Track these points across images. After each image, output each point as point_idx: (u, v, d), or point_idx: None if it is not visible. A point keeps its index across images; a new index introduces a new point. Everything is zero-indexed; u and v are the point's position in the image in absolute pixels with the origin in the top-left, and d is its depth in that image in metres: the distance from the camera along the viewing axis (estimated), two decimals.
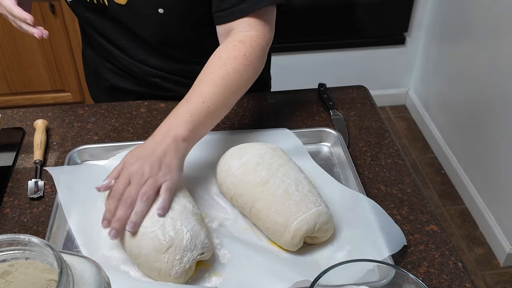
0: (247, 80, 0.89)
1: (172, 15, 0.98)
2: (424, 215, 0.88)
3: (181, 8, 0.97)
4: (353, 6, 2.38)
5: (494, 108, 1.97)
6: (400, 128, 2.61)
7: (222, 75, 0.86)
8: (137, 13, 0.98)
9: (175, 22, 1.00)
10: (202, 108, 0.84)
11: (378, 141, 1.04)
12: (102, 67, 1.16)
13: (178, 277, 0.73)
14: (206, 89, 0.85)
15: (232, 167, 0.85)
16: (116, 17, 1.01)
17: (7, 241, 0.51)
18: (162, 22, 0.99)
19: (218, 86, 0.86)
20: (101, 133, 1.06)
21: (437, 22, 2.39)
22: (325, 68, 2.51)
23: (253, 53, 0.89)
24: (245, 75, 0.88)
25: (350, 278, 0.64)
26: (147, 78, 1.12)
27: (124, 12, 0.99)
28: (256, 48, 0.90)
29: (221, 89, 0.86)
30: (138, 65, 1.10)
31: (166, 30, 1.02)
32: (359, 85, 1.21)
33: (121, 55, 1.09)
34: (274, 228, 0.79)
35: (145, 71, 1.10)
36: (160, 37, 1.04)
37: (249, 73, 0.89)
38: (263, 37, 0.91)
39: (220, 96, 0.86)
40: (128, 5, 0.97)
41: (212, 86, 0.85)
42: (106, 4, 0.98)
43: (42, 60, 2.25)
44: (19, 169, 0.98)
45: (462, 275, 0.79)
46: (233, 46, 0.89)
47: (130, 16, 0.99)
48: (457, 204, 2.20)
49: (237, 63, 0.87)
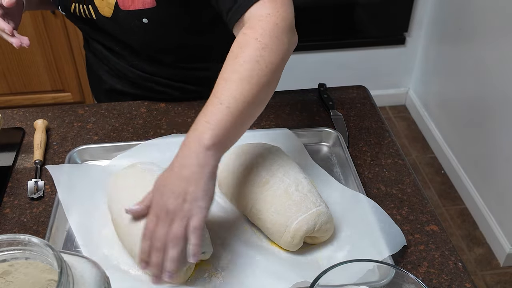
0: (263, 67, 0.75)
1: (157, 24, 0.98)
2: (424, 215, 0.88)
3: (165, 17, 0.98)
4: (353, 6, 2.38)
5: (494, 108, 1.97)
6: (400, 128, 2.60)
7: (236, 68, 0.75)
8: (122, 24, 0.99)
9: (160, 30, 1.00)
10: (220, 109, 0.72)
11: (378, 141, 1.04)
12: (100, 69, 1.17)
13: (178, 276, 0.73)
14: (223, 89, 0.74)
15: (232, 167, 0.85)
16: (105, 28, 1.02)
17: (7, 241, 0.51)
18: (148, 32, 0.99)
19: (233, 81, 0.74)
20: (101, 133, 1.06)
21: (437, 22, 2.39)
22: (325, 68, 2.51)
23: (266, 34, 0.76)
24: (261, 60, 0.75)
25: (350, 278, 0.64)
26: (143, 82, 1.13)
27: (112, 24, 1.00)
28: (269, 28, 0.77)
29: (238, 85, 0.73)
30: (133, 71, 1.11)
31: (153, 39, 1.02)
32: (359, 85, 1.21)
33: (117, 60, 1.11)
34: (274, 228, 0.79)
35: (140, 76, 1.12)
36: (148, 45, 1.05)
37: (265, 57, 0.75)
38: (275, 14, 0.78)
39: (237, 92, 0.73)
40: (113, 17, 0.98)
41: (230, 84, 0.74)
42: (94, 18, 1.00)
43: (42, 60, 2.25)
44: (19, 169, 0.98)
45: (462, 275, 0.79)
46: (242, 35, 0.78)
47: (117, 28, 1.00)
48: (457, 204, 2.20)
49: (250, 50, 0.75)
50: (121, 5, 0.96)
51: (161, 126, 1.07)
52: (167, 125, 1.07)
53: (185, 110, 1.11)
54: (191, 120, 1.01)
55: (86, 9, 0.99)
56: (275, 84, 0.79)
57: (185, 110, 1.11)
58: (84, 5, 0.99)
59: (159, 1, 0.95)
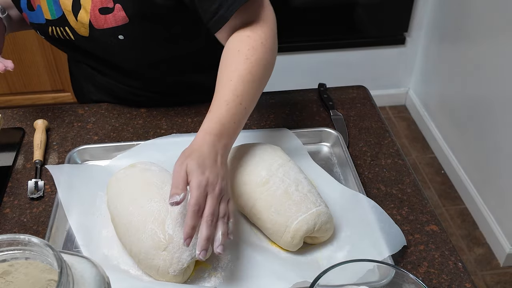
0: (270, 68, 0.86)
1: (133, 39, 0.96)
2: (424, 215, 0.88)
3: (140, 32, 0.95)
4: (353, 6, 2.38)
5: (494, 108, 1.97)
6: (400, 128, 2.61)
7: (249, 69, 0.81)
8: (100, 42, 0.97)
9: (138, 45, 0.98)
10: (240, 109, 0.80)
11: (378, 141, 1.04)
12: (86, 83, 1.16)
13: (177, 275, 0.73)
14: (240, 88, 0.80)
15: (232, 167, 0.85)
16: (86, 48, 1.00)
17: (7, 241, 0.51)
18: (126, 48, 0.97)
19: (249, 82, 0.81)
20: (101, 133, 1.06)
21: (437, 22, 2.39)
22: (325, 68, 2.51)
23: (268, 38, 0.85)
24: (267, 63, 0.84)
25: (350, 278, 0.64)
26: (131, 97, 1.12)
27: (91, 43, 0.98)
28: (269, 33, 0.86)
29: (251, 85, 0.81)
30: (121, 87, 1.10)
31: (133, 54, 1.00)
32: (359, 85, 1.21)
33: (103, 77, 1.10)
34: (274, 228, 0.79)
35: (129, 92, 1.11)
36: (131, 61, 1.03)
37: (270, 59, 0.85)
38: (268, 19, 0.87)
39: (251, 92, 0.82)
40: (90, 36, 0.96)
41: (244, 84, 0.80)
42: (72, 39, 0.98)
43: (42, 60, 2.25)
44: (19, 169, 0.98)
45: (462, 275, 0.79)
46: (247, 37, 0.84)
47: (96, 46, 0.99)
48: (457, 204, 2.20)
49: (258, 53, 0.83)
50: (95, 24, 0.93)
51: (161, 126, 1.07)
52: (167, 125, 1.07)
53: (185, 110, 1.11)
54: (191, 120, 1.01)
55: (63, 31, 0.98)
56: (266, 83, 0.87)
57: (185, 110, 1.11)
58: (61, 27, 0.97)
59: (131, 17, 0.92)
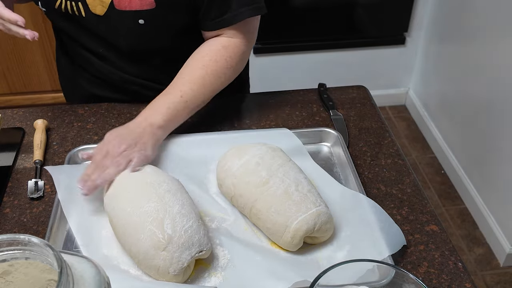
0: (224, 81, 0.99)
1: (152, 26, 0.97)
2: (424, 215, 0.88)
3: (162, 19, 0.97)
4: (353, 6, 2.38)
5: (494, 108, 1.97)
6: (400, 128, 2.61)
7: (202, 75, 0.96)
8: (114, 24, 0.97)
9: (153, 32, 1.00)
10: (180, 102, 0.93)
11: (378, 141, 1.04)
12: (78, 75, 1.14)
13: (177, 275, 0.73)
14: (186, 86, 0.94)
15: (232, 167, 0.85)
16: (92, 27, 1.00)
17: (7, 241, 0.51)
18: (140, 33, 0.98)
19: (197, 84, 0.95)
20: (101, 133, 1.05)
21: (437, 22, 2.39)
22: (325, 68, 2.51)
23: (235, 57, 0.99)
24: (223, 77, 0.98)
25: (350, 278, 0.64)
26: (127, 86, 1.11)
27: (101, 23, 0.97)
28: (238, 53, 1.00)
29: (199, 88, 0.95)
30: (117, 73, 1.09)
31: (143, 41, 1.01)
32: (359, 85, 1.21)
33: (100, 62, 1.08)
34: (274, 228, 0.79)
35: (125, 79, 1.10)
36: (137, 46, 1.03)
37: (228, 75, 0.99)
38: (246, 43, 1.01)
39: (197, 93, 0.95)
40: (105, 16, 0.95)
41: (191, 84, 0.95)
42: (83, 15, 0.97)
43: (42, 60, 2.25)
44: (19, 169, 0.98)
45: (462, 275, 0.79)
46: (216, 50, 0.98)
47: (106, 27, 0.98)
48: (457, 204, 2.20)
49: (217, 66, 0.97)
50: (116, 4, 0.93)
51: None
52: None
53: None
54: (190, 120, 1.01)
55: (74, 6, 0.96)
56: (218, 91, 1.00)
57: None
58: (73, 1, 0.96)
59: (159, 3, 0.94)
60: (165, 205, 0.76)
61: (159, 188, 0.79)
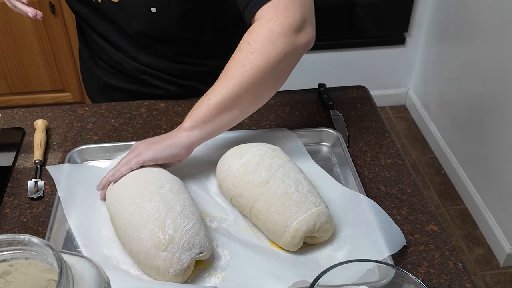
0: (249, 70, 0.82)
1: (164, 15, 0.98)
2: (424, 215, 0.88)
3: (174, 10, 0.98)
4: (353, 6, 2.38)
5: (494, 108, 1.97)
6: (400, 128, 2.61)
7: (226, 68, 0.85)
8: (129, 10, 0.98)
9: (165, 22, 1.00)
10: (203, 99, 0.86)
11: (378, 141, 1.04)
12: (95, 64, 1.17)
13: (177, 275, 0.73)
14: (213, 84, 0.86)
15: (232, 167, 0.85)
16: (108, 13, 1.01)
17: (7, 241, 0.51)
18: (152, 22, 0.99)
19: (221, 78, 0.85)
20: (101, 133, 1.06)
21: (437, 22, 2.39)
22: (325, 68, 2.51)
23: (258, 39, 0.82)
24: (248, 64, 0.82)
25: (350, 278, 0.64)
26: (138, 75, 1.12)
27: (116, 9, 0.99)
28: (262, 34, 0.82)
29: (222, 82, 0.84)
30: (129, 62, 1.10)
31: (156, 30, 1.02)
32: (359, 85, 1.21)
33: (113, 50, 1.10)
34: (274, 228, 0.79)
35: (136, 68, 1.11)
36: (149, 35, 1.04)
37: (253, 60, 0.82)
38: (273, 20, 0.83)
39: (220, 87, 0.84)
40: (120, 2, 0.97)
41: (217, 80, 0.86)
42: (99, 1, 0.99)
43: (42, 60, 2.25)
44: (19, 169, 0.98)
45: (462, 275, 0.79)
46: (242, 37, 0.85)
47: (121, 14, 1.00)
48: (457, 204, 2.20)
49: (240, 54, 0.83)
50: None
51: (161, 126, 1.07)
52: (167, 125, 1.07)
53: (185, 110, 1.11)
54: None
55: None
56: (265, 84, 0.85)
57: (185, 110, 1.11)
58: None
59: None
60: (167, 206, 0.76)
61: (162, 188, 0.79)
